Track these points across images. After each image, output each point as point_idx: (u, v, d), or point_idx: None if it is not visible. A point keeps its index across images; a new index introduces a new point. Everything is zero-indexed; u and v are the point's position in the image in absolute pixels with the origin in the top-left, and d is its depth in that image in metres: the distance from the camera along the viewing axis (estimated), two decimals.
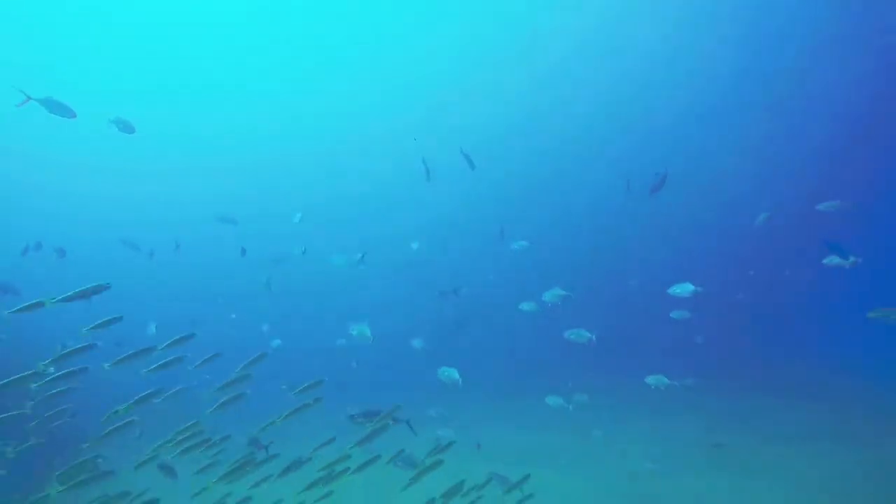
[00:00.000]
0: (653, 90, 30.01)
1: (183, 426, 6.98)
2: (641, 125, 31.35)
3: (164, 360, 6.66)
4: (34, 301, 5.75)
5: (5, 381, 5.71)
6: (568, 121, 32.36)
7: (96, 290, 5.95)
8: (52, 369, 6.01)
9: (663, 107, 30.46)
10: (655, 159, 29.53)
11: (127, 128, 11.19)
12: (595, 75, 30.38)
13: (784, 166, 29.10)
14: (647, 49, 28.24)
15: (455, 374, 7.26)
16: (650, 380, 9.00)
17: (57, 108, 9.72)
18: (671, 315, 10.75)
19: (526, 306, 10.28)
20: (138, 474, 7.08)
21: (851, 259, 8.21)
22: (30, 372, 5.96)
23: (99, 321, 6.23)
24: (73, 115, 9.85)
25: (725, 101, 28.67)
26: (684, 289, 8.26)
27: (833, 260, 8.25)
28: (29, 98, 9.02)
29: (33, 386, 6.00)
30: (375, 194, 34.11)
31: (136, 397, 6.55)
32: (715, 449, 11.53)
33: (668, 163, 29.55)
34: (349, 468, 6.58)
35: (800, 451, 11.28)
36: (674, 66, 28.79)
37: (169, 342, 6.67)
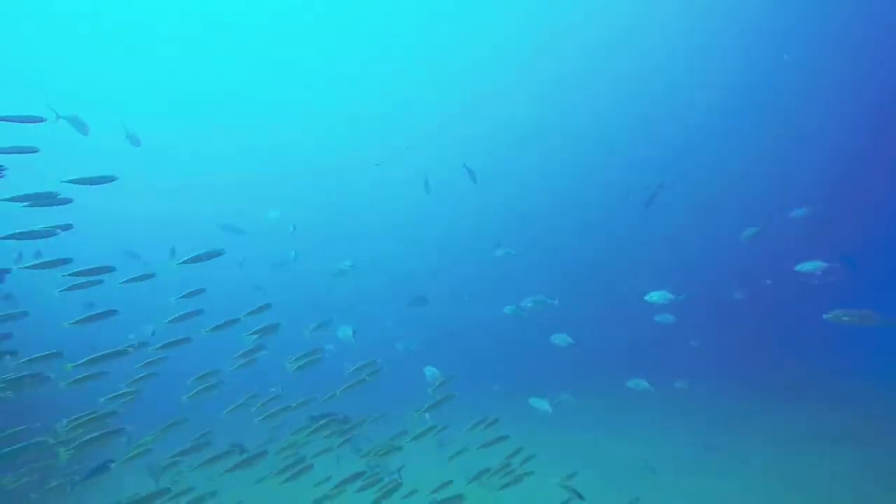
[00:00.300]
0: (658, 97, 30.03)
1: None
2: (650, 129, 31.33)
3: (262, 326, 7.30)
4: (146, 273, 6.55)
5: (115, 349, 6.43)
6: (578, 126, 32.40)
7: (211, 255, 6.65)
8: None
9: (671, 112, 30.46)
10: (665, 163, 29.59)
11: (135, 141, 11.65)
12: (600, 82, 30.47)
13: (794, 168, 28.97)
14: (653, 57, 28.31)
15: (438, 373, 7.50)
16: (631, 383, 9.08)
17: (79, 125, 10.17)
18: (655, 319, 10.84)
19: (508, 310, 10.44)
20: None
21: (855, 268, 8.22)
22: (136, 343, 6.63)
23: (188, 291, 7.05)
24: (87, 133, 10.35)
25: (734, 103, 28.60)
26: (662, 296, 8.36)
27: (805, 267, 8.30)
28: (59, 117, 9.45)
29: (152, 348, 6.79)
30: (390, 205, 34.16)
31: (242, 351, 7.24)
32: (708, 452, 11.56)
33: (676, 166, 29.67)
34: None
35: (799, 451, 11.28)
36: (681, 72, 28.81)
37: (250, 311, 7.27)
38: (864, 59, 24.60)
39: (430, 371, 7.93)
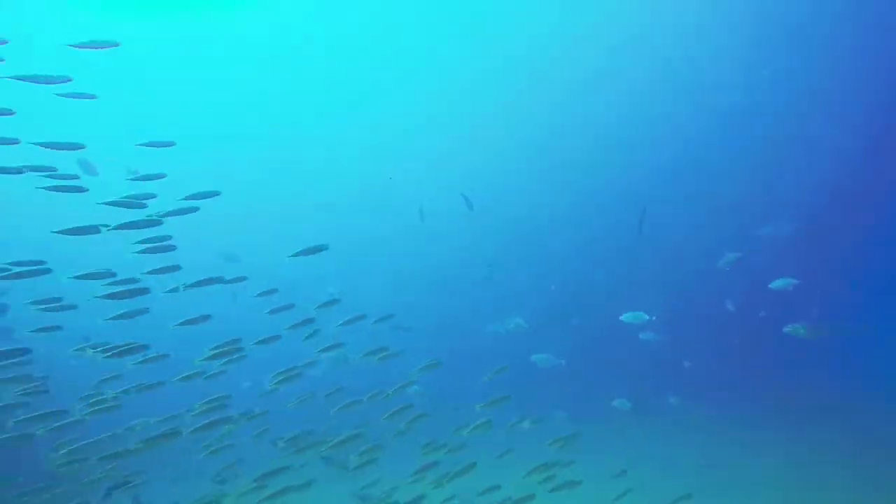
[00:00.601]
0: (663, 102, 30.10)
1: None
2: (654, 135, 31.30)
3: (351, 318, 7.83)
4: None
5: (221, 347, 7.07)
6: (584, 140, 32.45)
7: (318, 250, 7.21)
8: None
9: (674, 115, 30.44)
10: (665, 168, 29.65)
11: (91, 170, 12.00)
12: (608, 91, 30.58)
13: (795, 171, 28.82)
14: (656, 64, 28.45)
15: (420, 390, 7.83)
16: (616, 403, 9.21)
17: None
18: (640, 336, 10.93)
19: (492, 329, 10.65)
20: None
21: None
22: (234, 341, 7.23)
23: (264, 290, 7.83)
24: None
25: (739, 106, 28.58)
26: (637, 317, 8.57)
27: (778, 284, 8.49)
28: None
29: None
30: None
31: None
32: (707, 468, 11.48)
33: (676, 171, 29.68)
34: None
35: (800, 466, 11.20)
36: (690, 73, 28.87)
37: (320, 304, 7.75)
38: (871, 62, 24.63)
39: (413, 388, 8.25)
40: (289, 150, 34.07)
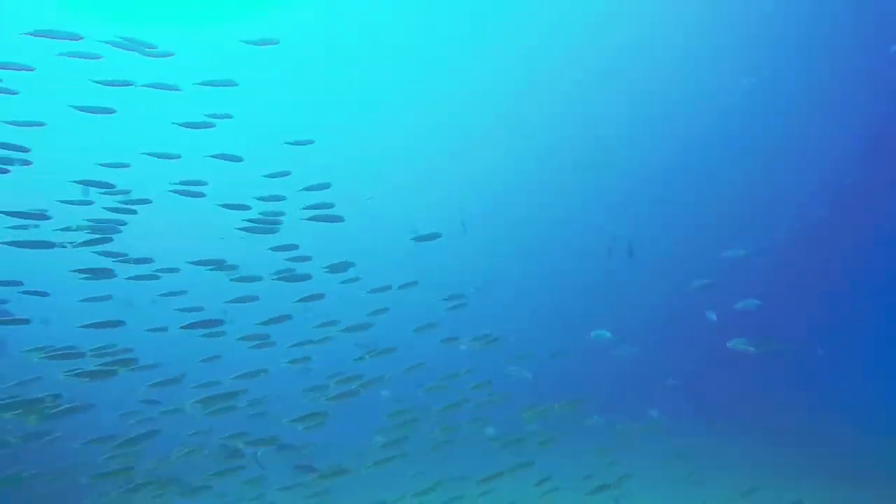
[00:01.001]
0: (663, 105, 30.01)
1: None
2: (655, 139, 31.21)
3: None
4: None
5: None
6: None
7: (431, 237, 7.57)
8: None
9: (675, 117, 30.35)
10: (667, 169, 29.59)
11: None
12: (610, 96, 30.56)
13: (798, 171, 28.66)
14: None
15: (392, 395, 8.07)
16: (589, 422, 9.31)
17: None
18: (616, 353, 10.96)
19: (468, 343, 10.80)
20: None
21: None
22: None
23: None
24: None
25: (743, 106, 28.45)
26: (601, 335, 8.73)
27: (741, 305, 8.53)
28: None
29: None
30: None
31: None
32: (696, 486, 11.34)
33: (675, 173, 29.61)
34: None
35: (796, 490, 11.16)
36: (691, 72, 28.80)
37: (401, 285, 8.31)
38: (871, 62, 24.48)
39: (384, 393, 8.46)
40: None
